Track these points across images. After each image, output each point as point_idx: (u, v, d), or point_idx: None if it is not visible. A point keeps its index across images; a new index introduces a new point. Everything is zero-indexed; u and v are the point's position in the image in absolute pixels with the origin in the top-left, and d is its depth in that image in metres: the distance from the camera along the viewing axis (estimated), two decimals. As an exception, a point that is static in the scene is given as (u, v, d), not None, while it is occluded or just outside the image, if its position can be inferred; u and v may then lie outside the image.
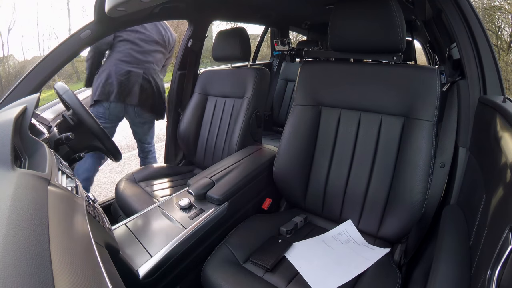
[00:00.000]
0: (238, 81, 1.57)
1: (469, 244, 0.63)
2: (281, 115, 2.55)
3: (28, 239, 0.32)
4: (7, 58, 8.77)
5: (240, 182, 1.09)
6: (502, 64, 6.44)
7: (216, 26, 10.45)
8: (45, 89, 2.82)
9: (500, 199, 0.52)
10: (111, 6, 0.97)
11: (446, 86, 0.97)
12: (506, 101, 0.71)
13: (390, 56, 1.00)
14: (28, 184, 0.43)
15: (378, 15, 0.93)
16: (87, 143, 1.01)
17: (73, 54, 1.20)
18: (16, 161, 0.51)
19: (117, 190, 1.42)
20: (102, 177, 2.94)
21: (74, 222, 0.45)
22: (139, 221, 0.96)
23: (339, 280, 0.82)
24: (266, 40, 3.02)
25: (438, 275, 0.58)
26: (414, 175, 0.90)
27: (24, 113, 0.68)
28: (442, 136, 0.96)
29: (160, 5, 1.28)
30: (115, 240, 0.69)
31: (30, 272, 0.28)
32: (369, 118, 1.03)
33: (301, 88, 1.14)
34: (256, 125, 1.54)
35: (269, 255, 0.90)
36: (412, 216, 0.90)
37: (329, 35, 1.04)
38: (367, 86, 1.02)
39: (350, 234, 1.02)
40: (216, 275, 0.84)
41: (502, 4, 6.80)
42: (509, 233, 0.40)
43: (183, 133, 1.70)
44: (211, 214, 0.97)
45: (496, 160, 0.58)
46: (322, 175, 1.10)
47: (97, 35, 1.25)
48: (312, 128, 1.11)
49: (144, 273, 0.77)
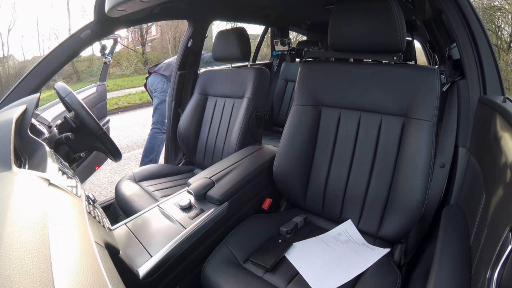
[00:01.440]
0: (238, 81, 1.57)
1: (469, 244, 0.63)
2: (281, 115, 2.55)
3: (28, 239, 0.32)
4: (7, 58, 8.77)
5: (240, 182, 1.09)
6: (502, 64, 6.43)
7: (216, 26, 10.46)
8: (45, 89, 2.83)
9: (500, 199, 0.52)
10: (111, 6, 0.97)
11: (446, 86, 0.97)
12: (506, 101, 0.71)
13: (390, 56, 1.00)
14: (28, 184, 0.43)
15: (378, 15, 0.93)
16: (87, 143, 1.01)
17: (73, 54, 1.21)
18: (16, 161, 0.52)
19: (117, 190, 1.42)
20: (102, 177, 2.94)
21: (74, 222, 0.45)
22: (139, 221, 0.96)
23: (339, 280, 0.82)
24: (266, 40, 3.02)
25: (438, 275, 0.58)
26: (414, 175, 0.90)
27: (24, 113, 0.68)
28: (442, 136, 0.96)
29: (160, 5, 1.28)
30: (115, 240, 0.69)
31: (30, 272, 0.28)
32: (369, 118, 1.03)
33: (301, 88, 1.14)
34: (256, 125, 1.54)
35: (269, 255, 0.90)
36: (412, 216, 0.90)
37: (329, 35, 1.04)
38: (367, 86, 1.02)
39: (350, 234, 1.02)
40: (216, 275, 0.84)
41: (502, 4, 6.80)
42: (509, 233, 0.40)
43: (183, 133, 1.70)
44: (211, 214, 0.97)
45: (496, 160, 0.58)
46: (322, 175, 1.10)
47: (97, 35, 1.25)
48: (312, 128, 1.11)
49: (144, 273, 0.77)
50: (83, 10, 10.32)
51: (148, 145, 2.49)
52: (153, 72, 2.47)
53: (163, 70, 2.43)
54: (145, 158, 2.48)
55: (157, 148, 2.50)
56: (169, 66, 2.43)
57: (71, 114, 0.98)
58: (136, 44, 11.58)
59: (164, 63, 2.50)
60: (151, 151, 2.48)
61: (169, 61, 2.50)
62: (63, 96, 0.96)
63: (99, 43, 2.38)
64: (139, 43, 11.51)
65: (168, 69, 2.41)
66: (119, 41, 2.97)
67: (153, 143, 2.48)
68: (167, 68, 2.42)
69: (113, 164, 3.17)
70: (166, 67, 2.43)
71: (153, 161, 2.47)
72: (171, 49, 11.16)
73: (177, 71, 1.80)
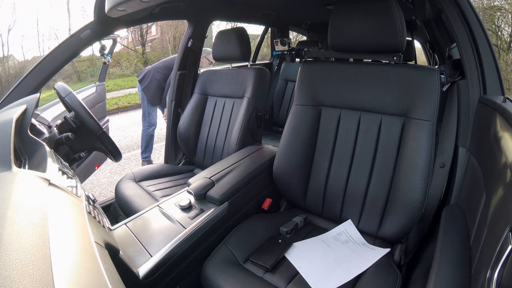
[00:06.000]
0: (238, 81, 1.57)
1: (469, 244, 0.63)
2: (281, 115, 2.55)
3: (28, 239, 0.32)
4: (7, 58, 8.77)
5: (240, 182, 1.09)
6: (502, 64, 6.43)
7: (216, 26, 10.47)
8: (45, 89, 2.84)
9: (500, 199, 0.52)
10: (111, 6, 0.97)
11: (446, 86, 0.97)
12: (506, 101, 0.71)
13: (390, 56, 1.00)
14: (28, 184, 0.43)
15: (378, 15, 0.93)
16: (87, 143, 1.01)
17: (73, 54, 1.21)
18: (16, 161, 0.52)
19: (117, 190, 1.42)
20: (102, 177, 2.94)
21: (74, 222, 0.45)
22: (139, 221, 0.96)
23: (339, 280, 0.82)
24: (266, 40, 3.02)
25: (438, 275, 0.58)
26: (414, 175, 0.90)
27: (24, 113, 0.68)
28: (442, 136, 0.96)
29: (160, 5, 1.28)
30: (115, 240, 0.69)
31: (30, 272, 0.28)
32: (369, 118, 1.03)
33: (301, 88, 1.14)
34: (256, 125, 1.54)
35: (269, 255, 0.90)
36: (412, 216, 0.90)
37: (329, 35, 1.04)
38: (367, 86, 1.02)
39: (350, 234, 1.02)
40: (216, 275, 0.84)
41: (502, 4, 6.80)
42: (509, 233, 0.40)
43: (183, 133, 1.70)
44: (211, 214, 0.97)
45: (496, 160, 0.58)
46: (322, 175, 1.10)
47: (97, 35, 1.25)
48: (312, 128, 1.11)
49: (144, 273, 0.77)
50: (83, 10, 10.33)
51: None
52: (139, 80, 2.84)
53: (142, 82, 2.77)
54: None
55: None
56: (147, 75, 2.74)
57: (71, 114, 0.98)
58: (136, 44, 11.58)
59: (142, 72, 2.82)
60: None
61: (148, 69, 2.78)
62: (63, 96, 0.96)
63: (98, 43, 2.39)
64: (139, 43, 11.50)
65: (144, 80, 2.75)
66: (119, 41, 3.11)
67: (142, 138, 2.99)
68: (145, 78, 2.75)
69: (113, 164, 3.17)
70: (145, 78, 2.75)
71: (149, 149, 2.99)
72: (171, 49, 11.17)
73: (177, 71, 1.80)
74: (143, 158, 2.97)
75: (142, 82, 2.76)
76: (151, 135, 2.92)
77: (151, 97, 2.76)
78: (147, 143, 2.93)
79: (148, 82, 2.72)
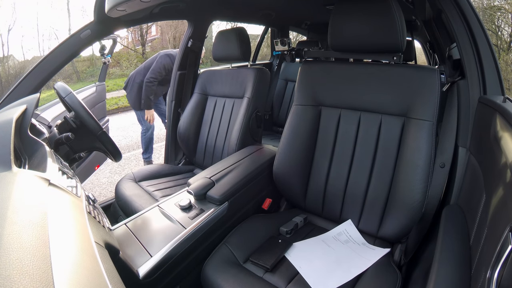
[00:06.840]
0: (238, 81, 1.57)
1: (469, 244, 0.63)
2: (281, 115, 2.56)
3: (28, 239, 0.32)
4: (7, 58, 8.77)
5: (240, 182, 1.09)
6: (502, 64, 6.44)
7: (216, 26, 10.46)
8: (45, 89, 2.85)
9: (500, 199, 0.52)
10: (111, 6, 0.97)
11: (446, 86, 0.97)
12: (506, 101, 0.71)
13: (390, 56, 1.00)
14: (28, 184, 0.43)
15: (378, 15, 0.93)
16: (87, 143, 1.01)
17: (73, 54, 1.21)
18: (16, 161, 0.52)
19: (117, 190, 1.42)
20: (102, 177, 2.94)
21: (74, 222, 0.45)
22: (139, 221, 0.96)
23: (339, 280, 0.82)
24: (266, 40, 3.02)
25: (438, 275, 0.58)
26: (414, 175, 0.90)
27: (24, 113, 0.68)
28: (442, 136, 0.96)
29: (160, 5, 1.28)
30: (115, 240, 0.69)
31: (30, 272, 0.28)
32: (369, 118, 1.03)
33: (301, 88, 1.14)
34: (256, 125, 1.54)
35: (269, 255, 0.90)
36: (412, 216, 0.90)
37: (329, 35, 1.04)
38: (367, 86, 1.02)
39: (350, 234, 1.02)
40: (216, 275, 0.84)
41: (502, 4, 6.80)
42: (509, 233, 0.40)
43: (183, 133, 1.70)
44: (211, 214, 0.97)
45: (496, 160, 0.58)
46: (322, 175, 1.10)
47: (97, 35, 1.25)
48: (312, 128, 1.11)
49: (144, 273, 0.77)
50: (83, 10, 10.33)
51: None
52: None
53: (126, 88, 2.75)
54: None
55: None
56: (129, 81, 2.71)
57: (71, 114, 0.98)
58: (136, 44, 11.57)
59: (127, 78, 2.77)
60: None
61: (131, 74, 2.74)
62: (63, 96, 0.96)
63: (98, 43, 2.39)
64: (139, 43, 11.50)
65: (127, 86, 2.73)
66: (119, 41, 3.11)
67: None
68: (129, 84, 2.72)
69: (113, 164, 3.17)
70: (128, 84, 2.72)
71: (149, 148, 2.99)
72: (171, 49, 11.15)
73: (177, 71, 1.80)
74: (144, 159, 2.98)
75: (127, 89, 2.71)
76: (150, 138, 2.91)
77: (133, 102, 2.69)
78: (147, 146, 2.93)
79: (130, 87, 2.67)
